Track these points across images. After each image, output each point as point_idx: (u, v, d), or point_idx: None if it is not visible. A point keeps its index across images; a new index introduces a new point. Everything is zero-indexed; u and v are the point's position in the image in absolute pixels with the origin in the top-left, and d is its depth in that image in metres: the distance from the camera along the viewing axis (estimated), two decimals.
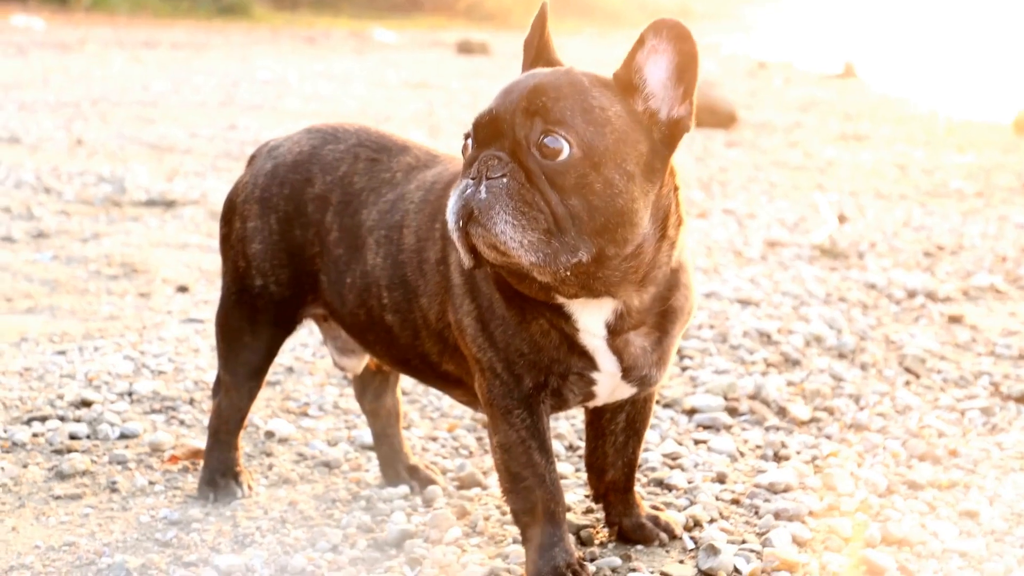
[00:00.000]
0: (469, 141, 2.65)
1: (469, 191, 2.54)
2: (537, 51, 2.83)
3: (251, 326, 3.31)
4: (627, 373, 2.83)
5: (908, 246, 7.13)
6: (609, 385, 2.86)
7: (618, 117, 2.59)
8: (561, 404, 2.92)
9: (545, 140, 2.53)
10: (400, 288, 3.02)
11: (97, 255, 6.20)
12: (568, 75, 2.63)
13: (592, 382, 2.84)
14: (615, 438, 3.16)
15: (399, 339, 3.07)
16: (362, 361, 3.45)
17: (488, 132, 2.60)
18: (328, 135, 3.30)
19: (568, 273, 2.55)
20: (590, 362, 2.80)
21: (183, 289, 5.67)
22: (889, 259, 6.77)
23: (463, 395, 3.13)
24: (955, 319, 5.56)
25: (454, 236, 2.57)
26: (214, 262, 6.16)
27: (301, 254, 3.22)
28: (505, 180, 2.52)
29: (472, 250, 2.57)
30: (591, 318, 2.74)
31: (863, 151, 11.36)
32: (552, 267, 2.52)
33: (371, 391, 3.57)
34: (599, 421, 3.16)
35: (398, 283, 3.02)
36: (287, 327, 3.34)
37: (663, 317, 2.82)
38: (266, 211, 3.25)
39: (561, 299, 2.70)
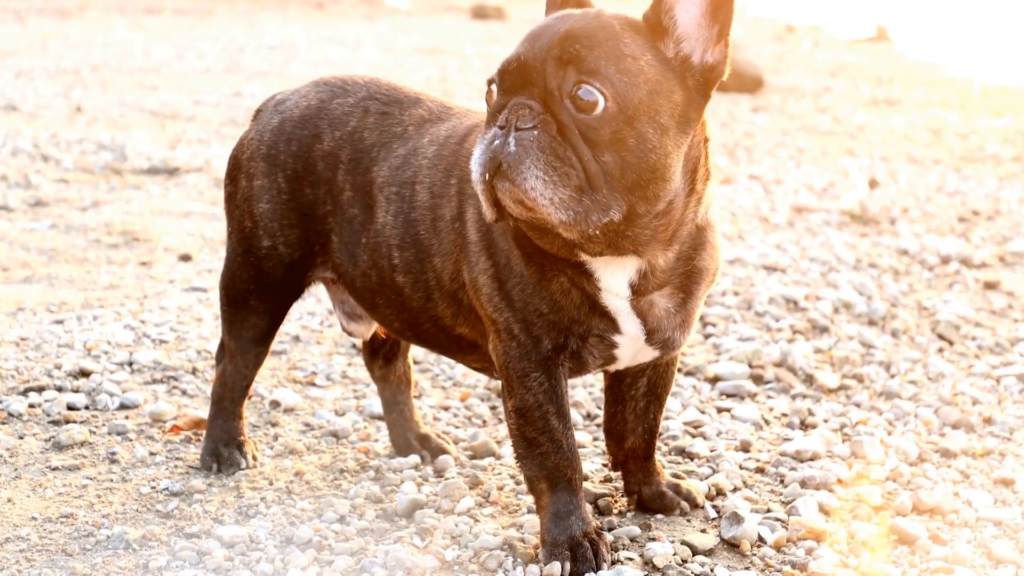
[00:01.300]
0: (494, 87, 2.61)
1: (497, 142, 2.51)
2: None
3: (258, 289, 3.30)
4: (650, 336, 2.81)
5: (942, 211, 7.09)
6: (631, 348, 2.84)
7: (650, 66, 2.56)
8: (580, 368, 2.90)
9: (579, 92, 2.50)
10: (412, 248, 2.99)
11: (97, 224, 6.20)
12: (599, 19, 2.59)
13: (613, 344, 2.82)
14: (635, 403, 3.14)
15: (410, 301, 3.05)
16: (371, 326, 3.44)
17: (516, 79, 2.56)
18: (337, 88, 3.27)
19: (597, 232, 2.53)
20: (612, 324, 2.78)
21: (186, 258, 5.67)
22: (922, 225, 6.73)
23: (477, 360, 3.11)
24: (991, 285, 5.52)
25: (478, 188, 2.54)
26: (218, 230, 6.15)
27: (312, 213, 3.19)
28: (536, 132, 2.49)
29: (495, 203, 2.55)
30: (614, 277, 2.72)
31: (895, 116, 11.29)
32: (582, 226, 2.50)
33: (381, 356, 3.56)
34: (619, 386, 3.15)
35: (410, 242, 3.00)
36: (295, 291, 3.32)
37: (688, 278, 2.80)
38: (273, 168, 3.23)
39: (584, 256, 2.68)
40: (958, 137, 10.09)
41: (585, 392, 4.04)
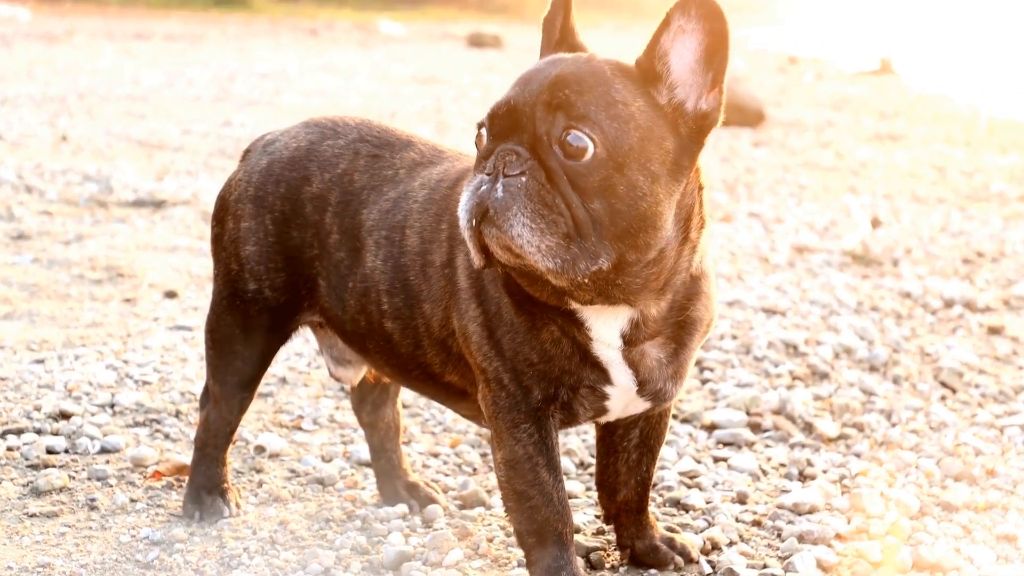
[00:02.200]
0: (483, 132, 2.62)
1: (484, 188, 2.52)
2: (561, 33, 2.80)
3: (243, 333, 3.30)
4: (641, 387, 2.81)
5: (946, 252, 7.11)
6: (622, 400, 2.85)
7: (642, 112, 2.57)
8: (571, 419, 2.90)
9: (568, 137, 2.51)
10: (401, 293, 3.00)
11: (80, 258, 6.20)
12: (590, 64, 2.60)
13: (604, 396, 2.83)
14: (628, 455, 3.14)
15: (399, 348, 3.06)
16: (359, 372, 3.44)
17: (505, 124, 2.57)
18: (327, 129, 3.29)
19: (586, 280, 2.54)
20: (603, 375, 2.79)
21: (171, 295, 5.67)
22: (925, 266, 6.74)
23: (467, 408, 3.11)
24: (995, 330, 5.53)
25: (466, 234, 2.55)
26: (205, 266, 6.16)
27: (299, 257, 3.20)
28: (524, 179, 2.50)
29: (484, 250, 2.56)
30: (605, 327, 2.73)
31: (899, 152, 11.33)
32: (570, 273, 2.51)
33: (369, 402, 3.56)
34: (611, 437, 3.15)
35: (399, 287, 3.01)
36: (282, 335, 3.33)
37: (681, 328, 2.81)
38: (261, 211, 3.24)
39: (575, 305, 2.68)
40: (963, 175, 10.13)
41: (579, 440, 4.04)
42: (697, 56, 2.62)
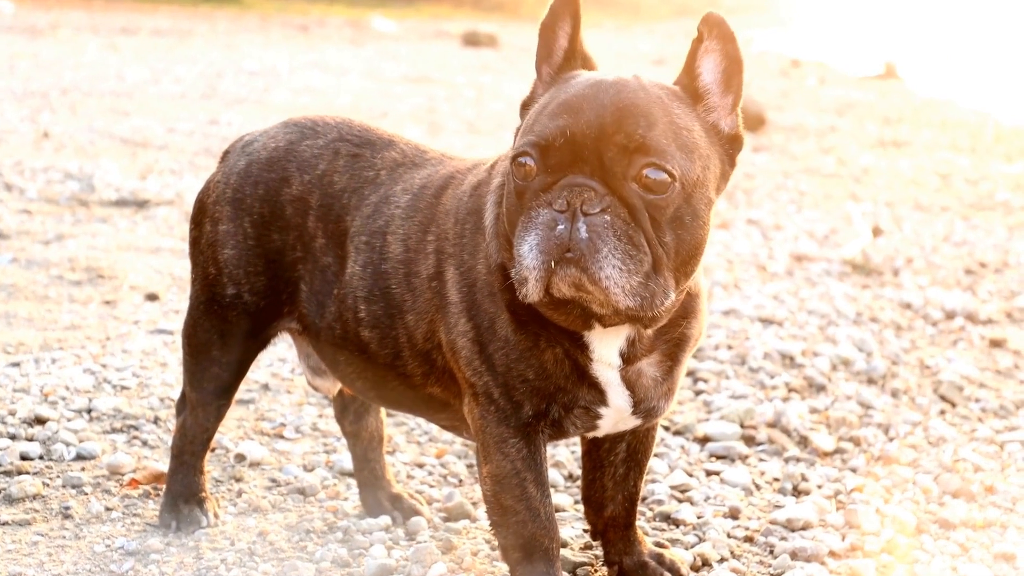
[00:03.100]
0: (529, 161, 2.56)
1: (562, 228, 2.47)
2: (570, 44, 2.75)
3: (221, 339, 3.30)
4: (636, 406, 2.84)
5: (948, 263, 7.11)
6: (614, 418, 2.86)
7: (701, 138, 2.60)
8: (560, 434, 2.91)
9: (647, 172, 2.49)
10: (381, 301, 3.00)
11: (60, 259, 6.19)
12: (645, 90, 2.58)
13: (598, 416, 2.84)
14: (615, 470, 3.14)
15: (376, 358, 3.05)
16: (338, 383, 3.43)
17: (564, 156, 2.52)
18: (307, 129, 3.28)
19: (659, 313, 2.56)
20: (600, 396, 2.80)
21: (152, 297, 5.66)
22: (927, 276, 6.75)
23: (447, 420, 3.11)
24: (997, 343, 5.54)
25: (534, 273, 2.49)
26: (187, 268, 6.10)
27: (280, 260, 3.20)
28: (608, 217, 2.47)
29: (546, 285, 2.52)
30: (606, 347, 2.75)
31: (902, 158, 11.34)
32: (649, 311, 2.51)
33: (352, 411, 3.56)
34: (597, 451, 3.15)
35: (379, 295, 3.00)
36: (260, 341, 3.32)
37: (676, 346, 2.84)
38: (239, 213, 3.24)
39: (590, 328, 2.69)
40: (967, 183, 10.14)
41: (567, 452, 4.04)
42: (718, 78, 2.67)
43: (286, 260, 3.19)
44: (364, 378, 3.12)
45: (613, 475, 3.14)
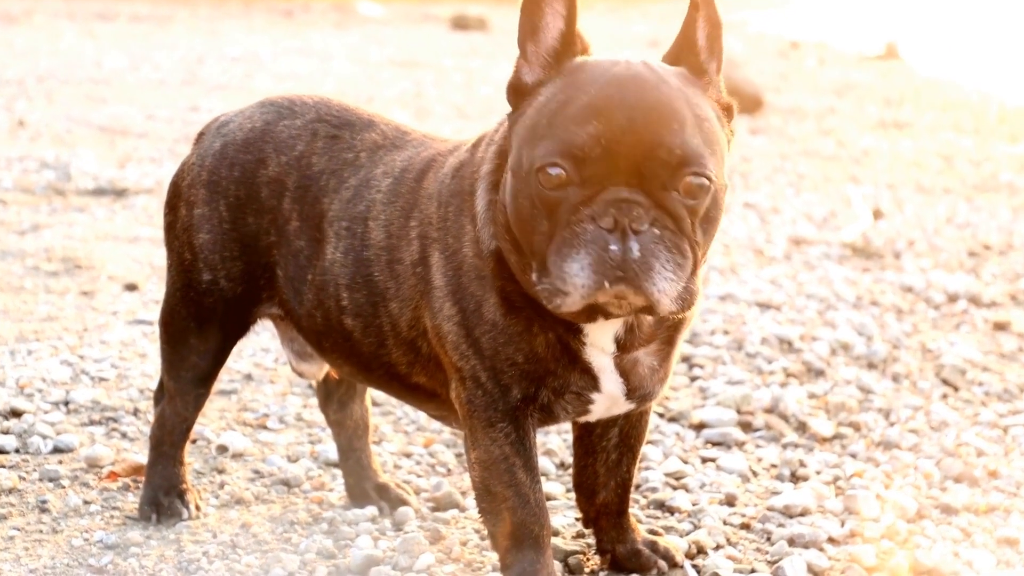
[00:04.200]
0: (561, 172, 2.51)
1: (615, 248, 2.46)
2: (567, 25, 2.67)
3: (198, 326, 3.30)
4: (630, 393, 2.83)
5: (951, 245, 7.13)
6: (606, 404, 2.86)
7: (715, 122, 2.61)
8: (549, 419, 2.91)
9: (689, 180, 2.50)
10: (364, 289, 2.99)
11: (36, 249, 6.19)
12: (666, 83, 2.56)
13: (589, 401, 2.84)
14: (607, 455, 3.14)
15: (360, 346, 3.05)
16: (323, 367, 3.43)
17: (601, 168, 2.49)
18: (284, 109, 3.28)
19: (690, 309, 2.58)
20: (592, 381, 2.80)
21: (132, 287, 5.66)
22: (929, 259, 6.76)
23: (436, 409, 3.11)
24: (1001, 326, 5.55)
25: (581, 290, 2.47)
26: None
27: (255, 244, 3.19)
28: (657, 231, 2.48)
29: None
30: (601, 332, 2.75)
31: (904, 140, 11.35)
32: (686, 310, 2.54)
33: (336, 399, 3.56)
34: (589, 437, 3.15)
35: (361, 283, 2.99)
36: (239, 328, 3.32)
37: (674, 330, 2.85)
38: (215, 196, 3.23)
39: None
40: (971, 164, 10.15)
41: (559, 439, 4.05)
42: (706, 45, 2.67)
43: (261, 244, 3.19)
44: (351, 364, 3.12)
45: (605, 461, 3.15)
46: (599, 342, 2.75)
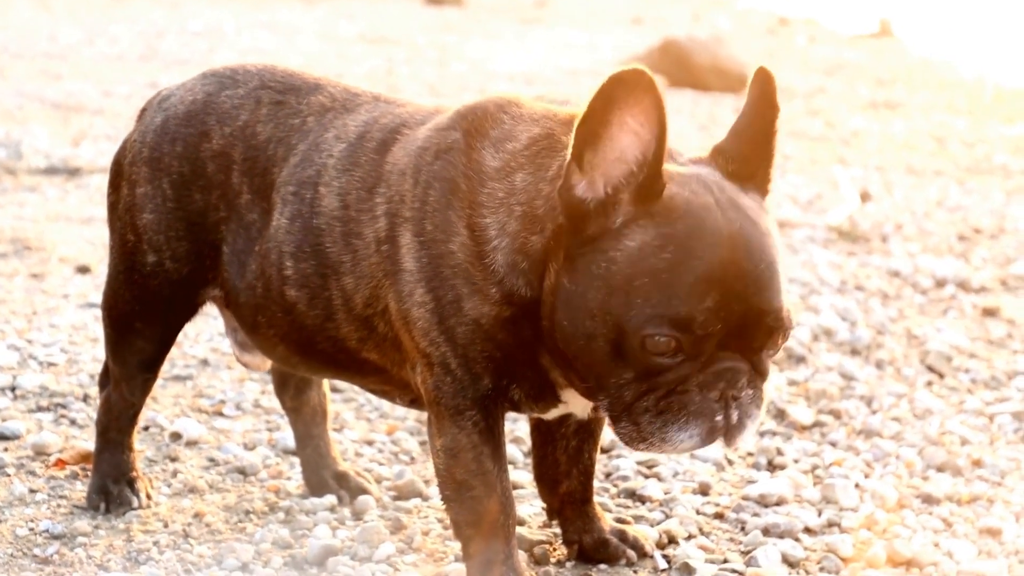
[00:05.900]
0: (669, 342, 2.53)
1: (719, 419, 2.59)
2: (655, 159, 2.56)
3: (143, 309, 3.29)
4: (596, 410, 2.87)
5: (940, 228, 7.16)
6: (582, 403, 2.88)
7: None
8: (516, 408, 2.92)
9: (782, 339, 2.65)
10: (312, 259, 2.96)
11: None
12: (766, 235, 2.63)
13: (559, 400, 2.88)
14: (567, 443, 3.16)
15: (304, 320, 3.01)
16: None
17: (716, 340, 2.55)
18: (226, 79, 3.27)
19: None
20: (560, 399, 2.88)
21: (84, 270, 5.66)
22: (917, 243, 6.80)
23: (380, 384, 3.09)
24: (990, 312, 5.59)
25: (675, 446, 2.62)
26: None
27: (202, 222, 3.18)
28: (751, 392, 2.62)
29: None
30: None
31: (895, 120, 11.40)
32: None
33: (292, 386, 3.56)
34: (547, 424, 3.16)
35: (309, 252, 2.96)
36: (186, 311, 3.32)
37: None
38: (157, 174, 3.22)
39: None
40: (964, 145, 10.21)
41: (528, 426, 4.05)
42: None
43: (208, 221, 3.17)
44: (287, 341, 3.09)
45: (565, 448, 3.17)
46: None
